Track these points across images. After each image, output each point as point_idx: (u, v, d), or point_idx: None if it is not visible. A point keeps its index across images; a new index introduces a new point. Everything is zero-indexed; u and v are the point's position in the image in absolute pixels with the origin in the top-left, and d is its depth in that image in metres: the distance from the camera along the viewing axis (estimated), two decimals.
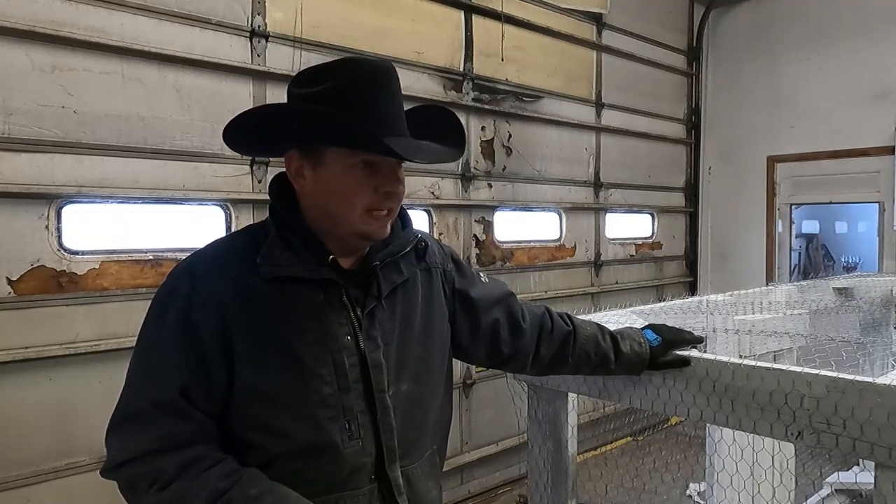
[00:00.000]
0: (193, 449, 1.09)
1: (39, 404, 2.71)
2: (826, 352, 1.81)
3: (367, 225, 1.19)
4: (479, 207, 4.40)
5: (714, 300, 2.78)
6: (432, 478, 1.36)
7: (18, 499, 2.64)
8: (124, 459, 1.09)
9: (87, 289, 2.79)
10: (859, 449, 1.40)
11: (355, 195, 1.17)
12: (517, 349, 1.51)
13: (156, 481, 1.06)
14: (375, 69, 1.18)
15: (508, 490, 4.48)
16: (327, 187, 1.18)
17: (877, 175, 5.32)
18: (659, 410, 1.74)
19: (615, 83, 5.42)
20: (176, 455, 1.07)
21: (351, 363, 1.20)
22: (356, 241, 1.23)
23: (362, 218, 1.18)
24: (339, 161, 1.16)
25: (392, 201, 1.20)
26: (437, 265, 1.40)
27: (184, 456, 1.07)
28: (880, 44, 5.24)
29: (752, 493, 2.31)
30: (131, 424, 1.11)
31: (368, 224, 1.19)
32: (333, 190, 1.18)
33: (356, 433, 1.20)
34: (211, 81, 3.12)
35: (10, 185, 2.59)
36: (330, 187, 1.18)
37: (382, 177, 1.17)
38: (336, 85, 1.15)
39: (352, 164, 1.15)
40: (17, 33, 2.58)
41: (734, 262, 6.16)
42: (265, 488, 1.07)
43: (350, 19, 3.64)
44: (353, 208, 1.17)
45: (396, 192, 1.19)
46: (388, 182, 1.18)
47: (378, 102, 1.16)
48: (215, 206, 3.21)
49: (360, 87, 1.16)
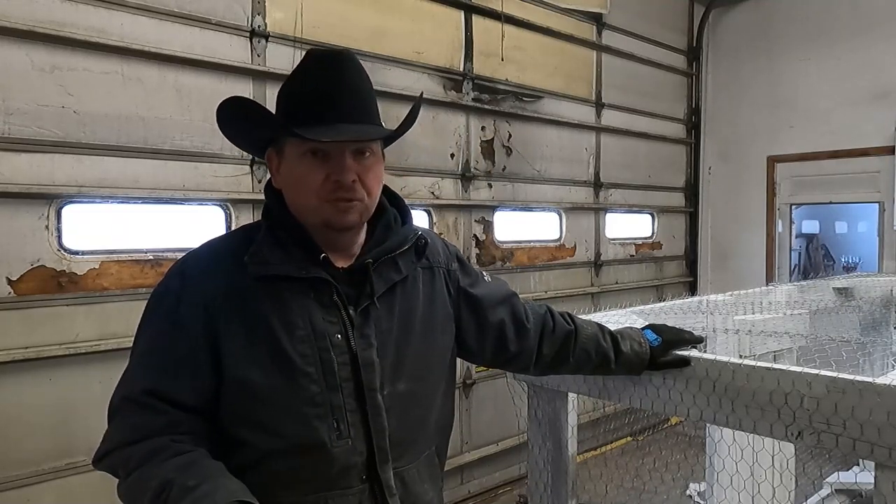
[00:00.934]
0: (161, 439, 1.11)
1: (39, 404, 2.71)
2: (826, 352, 1.81)
3: (327, 213, 1.20)
4: (479, 207, 4.40)
5: (714, 300, 2.78)
6: (430, 479, 1.35)
7: (18, 499, 2.64)
8: (106, 450, 1.14)
9: (87, 289, 2.79)
10: (859, 449, 1.40)
11: (307, 183, 1.19)
12: (522, 348, 1.50)
13: (125, 469, 1.10)
14: (324, 57, 1.23)
15: (508, 490, 4.48)
16: (287, 178, 1.23)
17: (877, 175, 5.32)
18: (659, 410, 1.74)
19: (615, 83, 5.42)
20: (145, 444, 1.10)
21: (341, 361, 1.20)
22: (328, 232, 1.23)
23: (321, 206, 1.20)
24: (293, 151, 1.20)
25: (345, 190, 1.19)
26: (440, 264, 1.40)
27: (151, 445, 1.10)
28: (880, 44, 5.24)
29: (752, 493, 2.31)
30: (115, 417, 1.16)
31: (328, 212, 1.20)
32: (292, 180, 1.22)
33: (345, 432, 1.20)
34: (211, 81, 3.11)
35: (10, 185, 2.59)
36: (289, 178, 1.23)
37: (332, 164, 1.19)
38: (289, 77, 1.24)
39: (302, 153, 1.19)
40: (17, 33, 2.58)
41: (734, 262, 6.16)
42: (203, 477, 1.06)
43: (350, 19, 3.64)
44: (308, 196, 1.20)
45: (345, 180, 1.19)
46: (337, 170, 1.19)
47: (315, 90, 1.20)
48: (215, 206, 3.21)
49: (302, 77, 1.22)
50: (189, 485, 1.03)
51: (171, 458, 1.08)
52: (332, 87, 1.20)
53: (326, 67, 1.21)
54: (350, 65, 1.22)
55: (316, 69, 1.22)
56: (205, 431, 1.17)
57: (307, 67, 1.23)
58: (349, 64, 1.22)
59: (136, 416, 1.13)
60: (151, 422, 1.12)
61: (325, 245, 1.23)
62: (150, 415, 1.13)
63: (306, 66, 1.23)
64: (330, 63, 1.22)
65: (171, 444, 1.10)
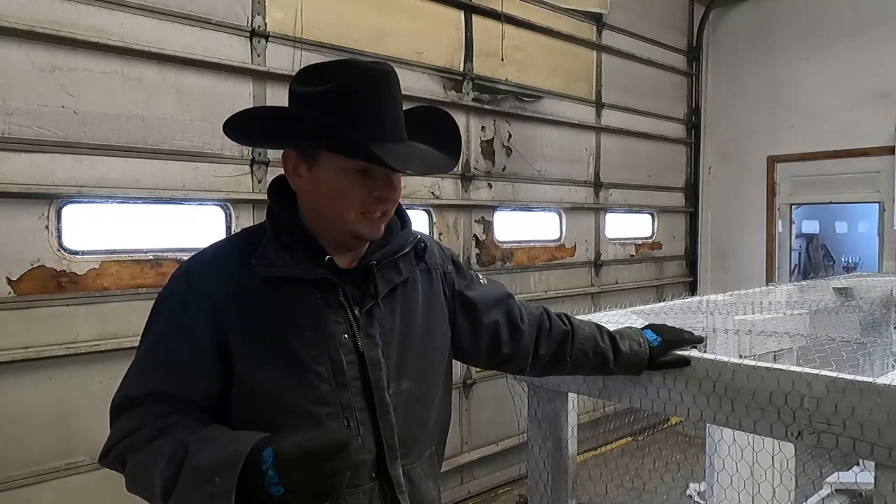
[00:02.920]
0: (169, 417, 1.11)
1: (39, 404, 2.71)
2: (826, 352, 1.81)
3: (361, 226, 1.21)
4: (479, 207, 4.40)
5: (714, 300, 2.78)
6: (432, 478, 1.37)
7: (18, 499, 2.64)
8: (111, 444, 1.14)
9: (87, 289, 2.80)
10: (859, 449, 1.40)
11: (348, 198, 1.18)
12: (517, 350, 1.51)
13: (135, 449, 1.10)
14: (374, 72, 1.18)
15: (508, 490, 4.48)
16: (321, 188, 1.19)
17: (877, 175, 5.32)
18: (659, 410, 1.74)
19: (615, 83, 5.42)
20: (154, 425, 1.11)
21: (349, 361, 1.21)
22: (350, 240, 1.24)
23: (356, 219, 1.20)
24: (334, 164, 1.17)
25: (385, 205, 1.21)
26: (437, 266, 1.41)
27: (160, 424, 1.11)
28: (880, 44, 5.24)
29: (752, 493, 2.31)
30: (119, 415, 1.16)
31: (362, 225, 1.21)
32: (327, 191, 1.19)
33: (355, 430, 1.21)
34: (211, 81, 3.12)
35: (10, 185, 2.59)
36: (324, 188, 1.19)
37: (376, 182, 1.18)
38: (335, 87, 1.15)
39: (346, 168, 1.16)
40: (17, 33, 2.58)
41: (734, 262, 6.16)
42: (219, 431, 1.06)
43: (350, 19, 3.64)
44: (345, 210, 1.19)
45: (390, 197, 1.21)
46: (382, 188, 1.19)
47: (374, 108, 1.16)
48: (215, 206, 3.21)
49: (357, 92, 1.16)
50: (206, 436, 1.04)
51: (182, 429, 1.08)
52: (388, 108, 1.18)
53: (379, 82, 1.18)
54: (395, 80, 1.21)
55: (367, 83, 1.17)
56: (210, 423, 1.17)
57: (357, 79, 1.16)
58: (395, 79, 1.21)
59: (138, 414, 1.14)
60: (156, 411, 1.13)
61: (333, 248, 1.24)
62: (153, 407, 1.13)
63: (356, 78, 1.17)
64: (381, 78, 1.18)
65: (181, 419, 1.11)
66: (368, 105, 1.16)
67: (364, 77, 1.17)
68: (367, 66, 1.19)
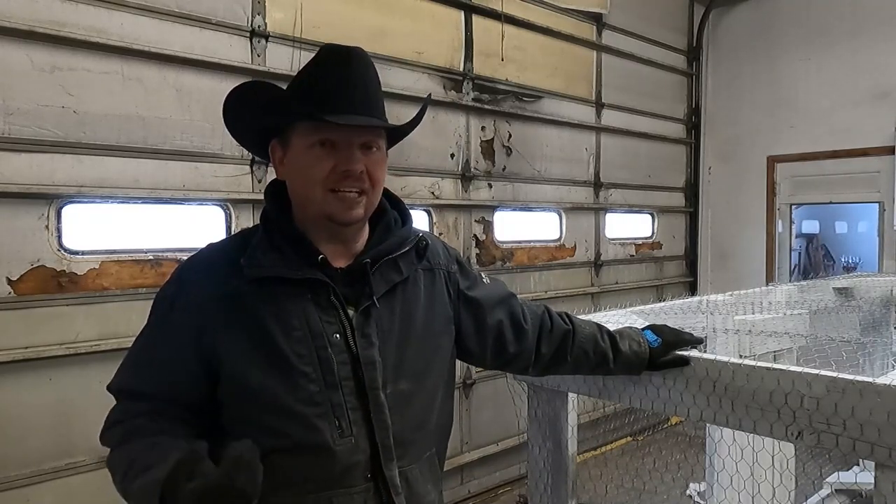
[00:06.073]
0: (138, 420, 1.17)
1: (39, 404, 2.71)
2: (826, 352, 1.81)
3: (330, 206, 1.21)
4: (479, 207, 4.40)
5: (714, 300, 2.78)
6: (431, 480, 1.35)
7: (18, 499, 2.64)
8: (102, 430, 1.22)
9: (87, 289, 2.79)
10: (859, 449, 1.40)
11: (313, 172, 1.20)
12: (521, 349, 1.51)
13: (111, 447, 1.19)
14: (335, 52, 1.24)
15: (508, 490, 4.48)
16: (293, 168, 1.24)
17: (877, 175, 5.32)
18: (659, 410, 1.74)
19: (615, 83, 5.41)
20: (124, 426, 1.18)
21: (340, 360, 1.21)
22: (330, 226, 1.24)
23: (325, 198, 1.21)
24: (301, 141, 1.21)
25: (352, 182, 1.21)
26: (440, 266, 1.40)
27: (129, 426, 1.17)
28: (880, 44, 5.24)
29: (752, 493, 2.31)
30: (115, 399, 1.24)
31: (331, 205, 1.21)
32: (297, 169, 1.23)
33: (347, 430, 1.20)
34: (211, 81, 3.11)
35: (10, 185, 2.59)
36: (294, 167, 1.24)
37: (340, 156, 1.20)
38: (302, 70, 1.25)
39: (311, 144, 1.20)
40: (17, 33, 2.58)
41: (734, 262, 6.16)
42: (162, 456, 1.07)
43: (350, 19, 3.64)
44: (313, 186, 1.21)
45: (354, 171, 1.20)
46: (345, 161, 1.20)
47: (330, 81, 1.21)
48: (215, 206, 3.21)
49: (315, 68, 1.23)
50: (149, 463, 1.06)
51: (144, 438, 1.13)
52: (344, 80, 1.21)
53: (339, 61, 1.22)
54: (362, 60, 1.24)
55: (329, 62, 1.23)
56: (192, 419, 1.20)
57: (320, 60, 1.24)
58: (361, 59, 1.24)
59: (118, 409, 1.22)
60: (131, 409, 1.20)
61: (325, 242, 1.24)
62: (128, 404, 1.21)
63: (319, 59, 1.24)
64: (342, 57, 1.23)
65: (148, 423, 1.16)
66: (323, 79, 1.21)
67: (326, 56, 1.24)
68: (332, 46, 1.26)
